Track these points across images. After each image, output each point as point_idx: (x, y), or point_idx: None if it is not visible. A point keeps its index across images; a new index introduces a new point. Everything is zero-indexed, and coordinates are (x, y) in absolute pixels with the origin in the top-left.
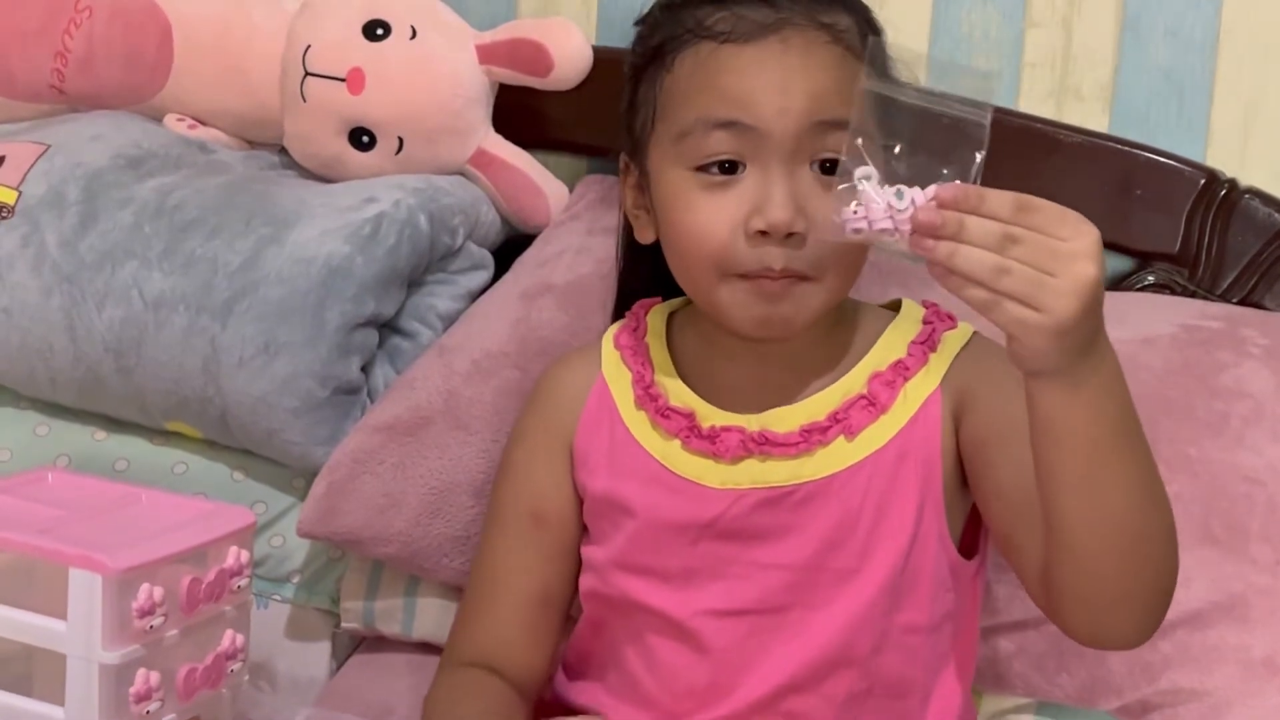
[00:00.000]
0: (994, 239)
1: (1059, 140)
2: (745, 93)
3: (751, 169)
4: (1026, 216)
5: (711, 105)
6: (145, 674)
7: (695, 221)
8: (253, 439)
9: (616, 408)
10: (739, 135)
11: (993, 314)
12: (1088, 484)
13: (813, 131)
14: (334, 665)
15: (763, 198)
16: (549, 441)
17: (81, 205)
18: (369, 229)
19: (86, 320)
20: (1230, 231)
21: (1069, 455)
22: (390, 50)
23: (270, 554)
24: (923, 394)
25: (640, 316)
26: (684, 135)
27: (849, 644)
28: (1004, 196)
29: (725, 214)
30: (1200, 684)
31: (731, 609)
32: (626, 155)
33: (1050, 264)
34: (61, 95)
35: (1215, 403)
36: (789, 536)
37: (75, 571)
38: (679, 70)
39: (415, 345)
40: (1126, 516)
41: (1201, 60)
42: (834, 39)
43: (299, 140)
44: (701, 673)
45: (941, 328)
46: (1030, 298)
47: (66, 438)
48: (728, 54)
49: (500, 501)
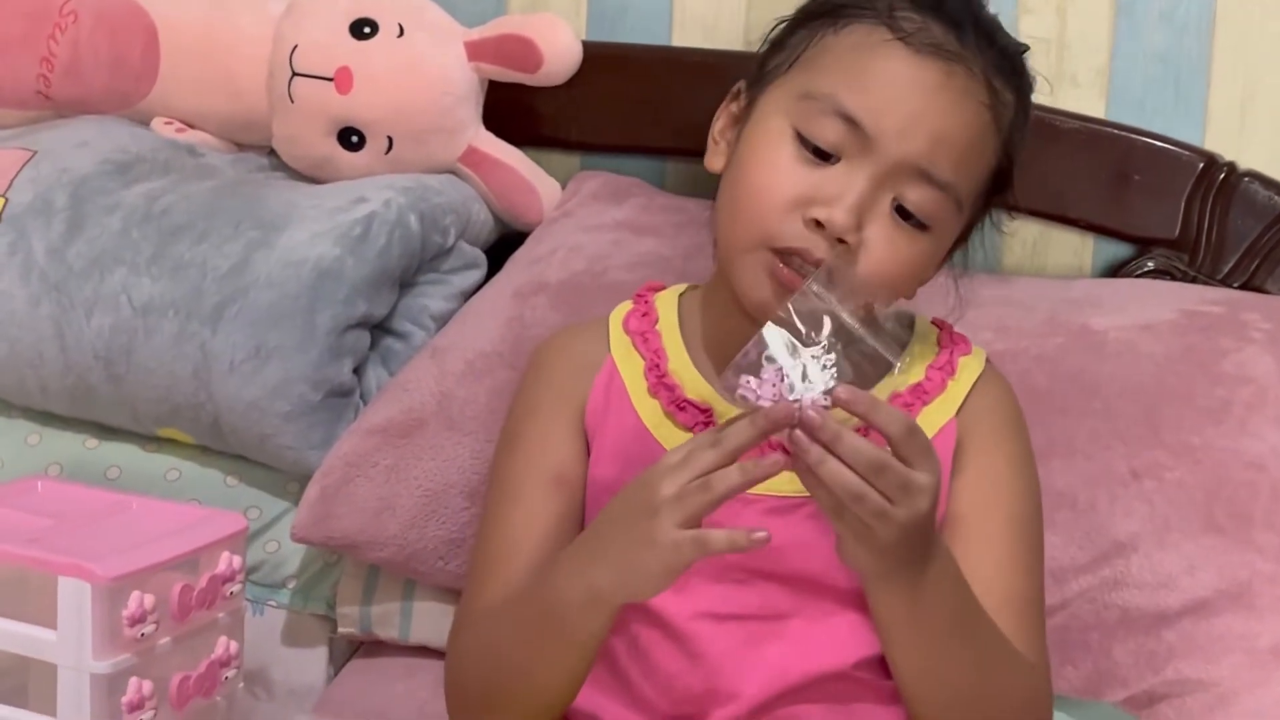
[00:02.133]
0: (864, 462)
1: (1056, 127)
2: (883, 98)
3: (845, 164)
4: (910, 443)
5: (848, 91)
6: (137, 683)
7: (769, 178)
8: (245, 444)
9: (628, 394)
10: (852, 131)
11: (833, 518)
12: (916, 669)
13: (912, 172)
14: (331, 671)
15: (836, 194)
16: (565, 410)
17: (69, 212)
18: (359, 230)
19: (76, 328)
20: (1230, 215)
21: (898, 646)
22: (378, 49)
23: (265, 560)
24: (938, 422)
25: (649, 301)
26: (809, 98)
27: (848, 658)
28: (895, 414)
29: (797, 188)
30: (1206, 673)
31: (730, 613)
32: (744, 84)
33: (898, 495)
34: (48, 101)
35: (1217, 389)
36: (795, 548)
37: (64, 580)
38: (844, 37)
39: (408, 346)
40: (959, 698)
41: (1197, 43)
42: (990, 105)
43: (288, 141)
44: (694, 676)
45: (958, 351)
46: (870, 521)
47: (58, 446)
48: (894, 52)
49: (512, 473)
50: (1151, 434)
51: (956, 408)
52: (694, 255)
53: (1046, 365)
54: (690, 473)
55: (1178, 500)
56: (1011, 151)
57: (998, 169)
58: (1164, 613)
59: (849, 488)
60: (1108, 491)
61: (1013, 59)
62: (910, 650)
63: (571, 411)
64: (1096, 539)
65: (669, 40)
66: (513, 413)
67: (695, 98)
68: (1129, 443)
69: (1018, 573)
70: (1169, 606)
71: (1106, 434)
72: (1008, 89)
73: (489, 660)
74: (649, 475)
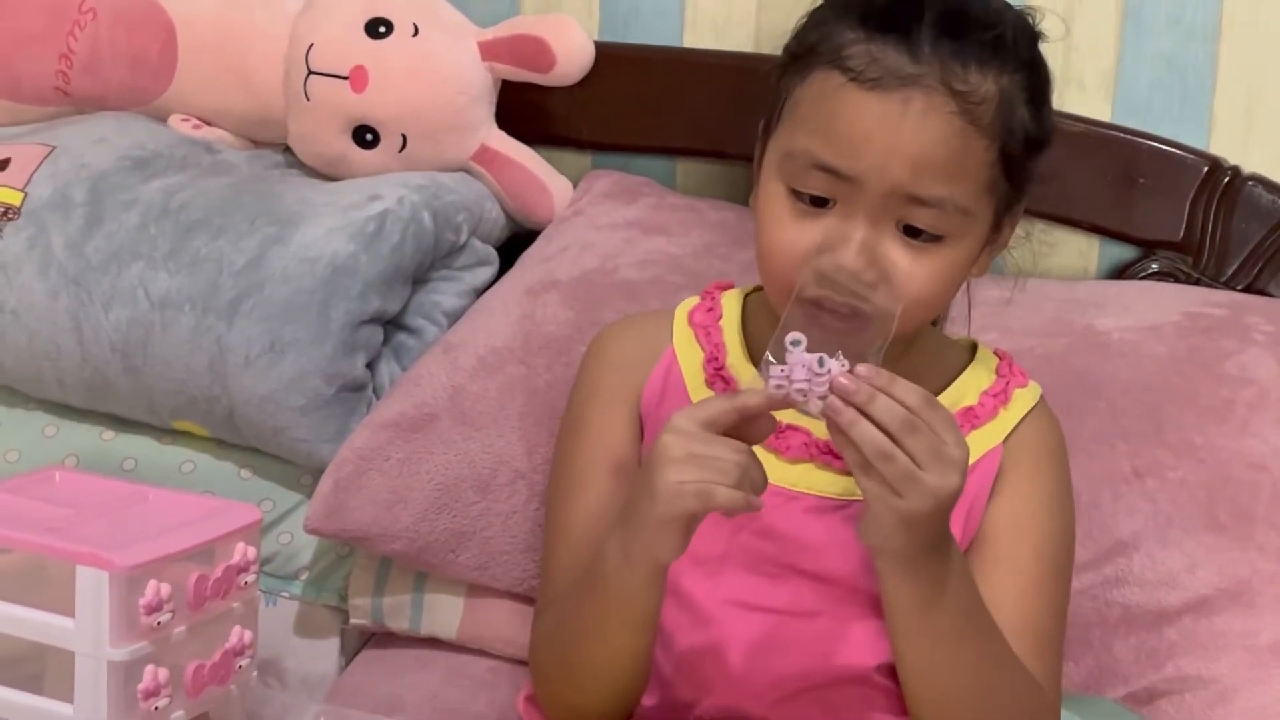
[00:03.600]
0: (896, 421)
1: (1062, 130)
2: (851, 142)
3: (840, 207)
4: (929, 412)
5: (819, 144)
6: (153, 670)
7: (777, 237)
8: (260, 437)
9: (684, 383)
10: (835, 179)
11: (860, 479)
12: (920, 667)
13: (903, 200)
14: (343, 661)
15: (839, 239)
16: (624, 392)
17: (87, 207)
18: (373, 227)
19: (93, 321)
20: (1234, 219)
21: (904, 639)
22: (393, 48)
23: (279, 551)
24: (986, 445)
25: (715, 298)
26: (790, 157)
27: (868, 661)
28: (911, 388)
29: (805, 242)
30: (1207, 670)
31: (759, 605)
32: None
33: (928, 462)
34: (66, 97)
35: (1220, 389)
36: (831, 549)
37: (83, 569)
38: (808, 88)
39: (420, 342)
40: (960, 700)
41: (1204, 47)
42: (961, 110)
43: (303, 139)
44: (715, 662)
45: (1015, 383)
46: (898, 484)
47: (74, 438)
48: (850, 96)
49: (577, 459)
50: (1154, 433)
51: (1005, 435)
52: (704, 254)
53: (1051, 365)
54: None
55: (1180, 499)
56: (1016, 132)
57: (1003, 158)
58: (1165, 610)
59: (879, 447)
60: (1111, 490)
61: (989, 44)
62: (916, 645)
63: (630, 394)
64: (1099, 537)
65: (680, 41)
66: (574, 398)
67: (706, 98)
68: (1132, 442)
69: (1040, 603)
70: (1170, 604)
71: (1110, 433)
72: (986, 79)
73: (559, 641)
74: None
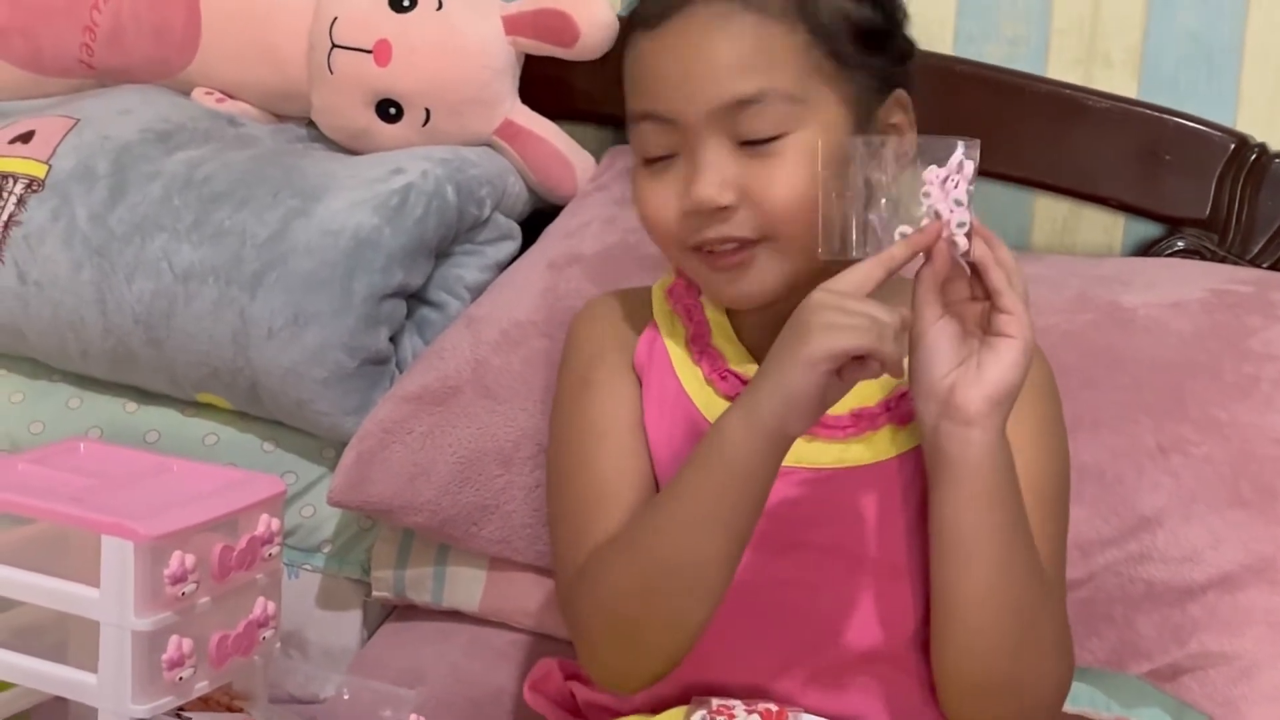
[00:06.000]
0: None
1: (1088, 106)
2: (653, 84)
3: (682, 155)
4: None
5: (636, 101)
6: (178, 640)
7: (646, 206)
8: (283, 409)
9: (669, 359)
10: (659, 126)
11: (1001, 306)
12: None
13: (724, 112)
14: (365, 634)
15: (689, 181)
16: (626, 358)
17: (111, 179)
18: (396, 200)
19: (117, 293)
20: (1260, 196)
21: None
22: (417, 22)
23: (301, 524)
24: None
25: None
26: (630, 129)
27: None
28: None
29: (665, 197)
30: (1230, 646)
31: (760, 581)
32: None
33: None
34: (90, 70)
35: (1245, 366)
36: (828, 519)
37: (108, 539)
38: (626, 58)
39: (443, 316)
40: (1012, 594)
41: (1231, 24)
42: (746, 5)
43: (326, 112)
44: (714, 638)
45: None
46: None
47: (98, 410)
48: (644, 45)
49: (590, 420)
50: (1179, 409)
51: None
52: None
53: (1075, 341)
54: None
55: (1204, 475)
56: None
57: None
58: (1189, 586)
59: (1013, 265)
60: (1134, 466)
61: None
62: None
63: (629, 359)
64: (1123, 513)
65: None
66: (572, 366)
67: None
68: (1156, 418)
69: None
70: (1194, 580)
71: (1134, 409)
72: None
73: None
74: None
